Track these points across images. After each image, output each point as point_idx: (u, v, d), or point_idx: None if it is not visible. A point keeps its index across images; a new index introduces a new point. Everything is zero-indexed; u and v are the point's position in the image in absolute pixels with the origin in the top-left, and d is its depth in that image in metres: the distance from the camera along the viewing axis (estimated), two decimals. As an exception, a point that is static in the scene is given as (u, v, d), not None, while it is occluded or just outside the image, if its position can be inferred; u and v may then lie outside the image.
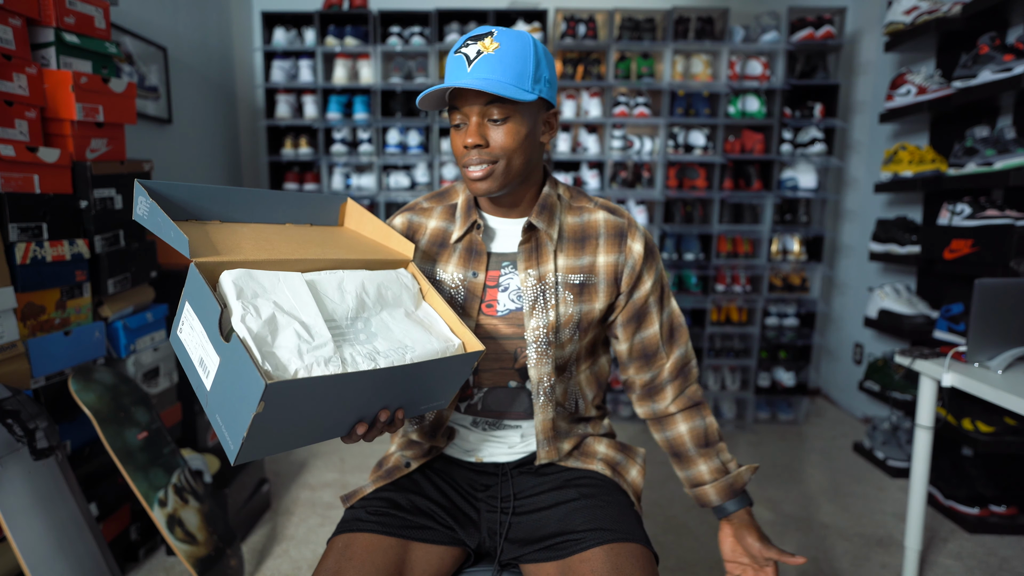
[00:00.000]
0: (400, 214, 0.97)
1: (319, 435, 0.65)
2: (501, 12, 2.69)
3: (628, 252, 0.90)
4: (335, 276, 0.74)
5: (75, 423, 1.48)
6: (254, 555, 1.70)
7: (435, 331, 0.77)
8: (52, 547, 1.20)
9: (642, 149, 2.71)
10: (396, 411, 0.70)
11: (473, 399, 0.93)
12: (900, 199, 2.57)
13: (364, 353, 0.67)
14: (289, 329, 0.63)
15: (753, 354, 2.74)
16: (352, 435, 0.68)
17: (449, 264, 0.91)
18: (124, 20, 2.14)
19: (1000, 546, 1.78)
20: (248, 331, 0.59)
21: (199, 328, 0.62)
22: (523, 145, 0.81)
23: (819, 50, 2.67)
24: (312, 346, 0.63)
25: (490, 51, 0.77)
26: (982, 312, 1.31)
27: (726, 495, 0.92)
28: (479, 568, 0.89)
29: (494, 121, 0.79)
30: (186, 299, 0.65)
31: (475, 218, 0.90)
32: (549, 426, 0.90)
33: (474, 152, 0.80)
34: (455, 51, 0.80)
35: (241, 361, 0.55)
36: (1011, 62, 1.73)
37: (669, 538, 1.81)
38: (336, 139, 2.78)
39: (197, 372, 0.63)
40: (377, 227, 0.87)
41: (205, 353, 0.61)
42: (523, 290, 0.87)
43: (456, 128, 0.83)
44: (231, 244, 0.70)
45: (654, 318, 0.94)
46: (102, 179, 1.54)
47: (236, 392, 0.57)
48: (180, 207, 0.73)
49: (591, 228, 0.91)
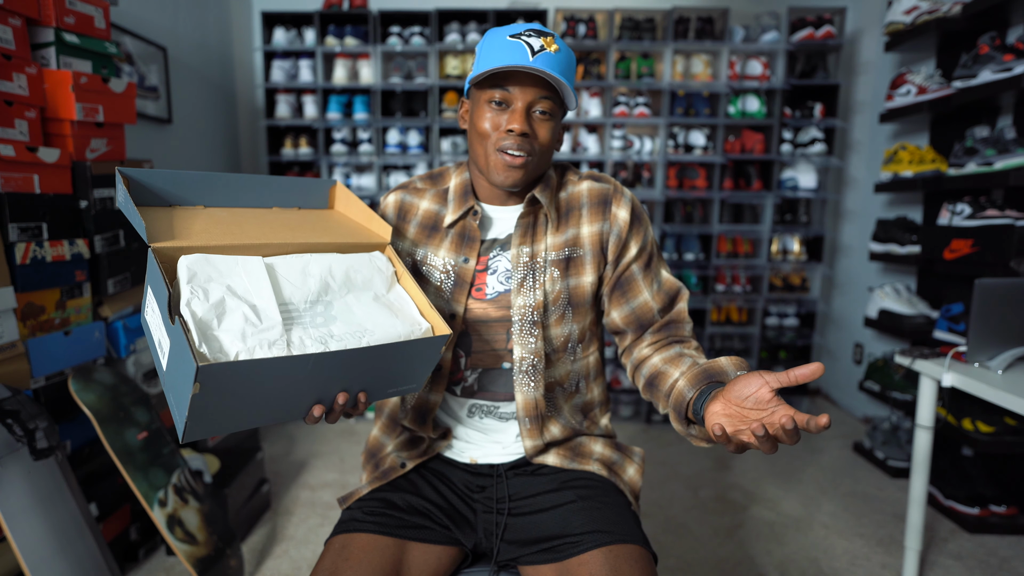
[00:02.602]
0: (394, 192, 0.97)
1: (273, 416, 0.66)
2: (501, 12, 2.69)
3: (613, 219, 0.89)
4: (300, 260, 0.74)
5: (75, 423, 1.48)
6: (254, 555, 1.70)
7: (403, 314, 0.77)
8: (52, 547, 1.20)
9: (642, 149, 2.71)
10: (358, 394, 0.70)
11: (467, 381, 0.92)
12: (900, 199, 2.57)
13: (316, 336, 0.68)
14: (237, 312, 0.64)
15: (753, 354, 2.74)
16: (310, 416, 0.68)
17: (441, 249, 0.91)
18: (124, 20, 2.14)
19: (1000, 546, 1.78)
20: (192, 315, 0.61)
21: (156, 311, 0.65)
22: (550, 146, 0.84)
23: (819, 50, 2.67)
24: (258, 329, 0.64)
25: (551, 51, 0.78)
26: (982, 312, 1.30)
27: (700, 381, 0.76)
28: (477, 568, 0.89)
29: (540, 114, 0.81)
30: (148, 283, 0.67)
31: (472, 204, 0.90)
32: (532, 404, 0.89)
33: (518, 139, 0.80)
34: (512, 35, 0.79)
35: (182, 344, 0.57)
36: (1011, 62, 1.73)
37: (669, 538, 1.81)
38: (336, 139, 2.78)
39: (157, 352, 0.66)
40: (361, 210, 0.88)
41: (162, 335, 0.64)
42: (514, 267, 0.87)
43: (496, 106, 0.81)
44: (196, 229, 0.72)
45: (641, 286, 0.90)
46: (102, 179, 1.54)
47: (180, 373, 0.59)
48: (161, 194, 0.75)
49: (574, 199, 0.91)
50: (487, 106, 0.82)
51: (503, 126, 0.80)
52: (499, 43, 0.80)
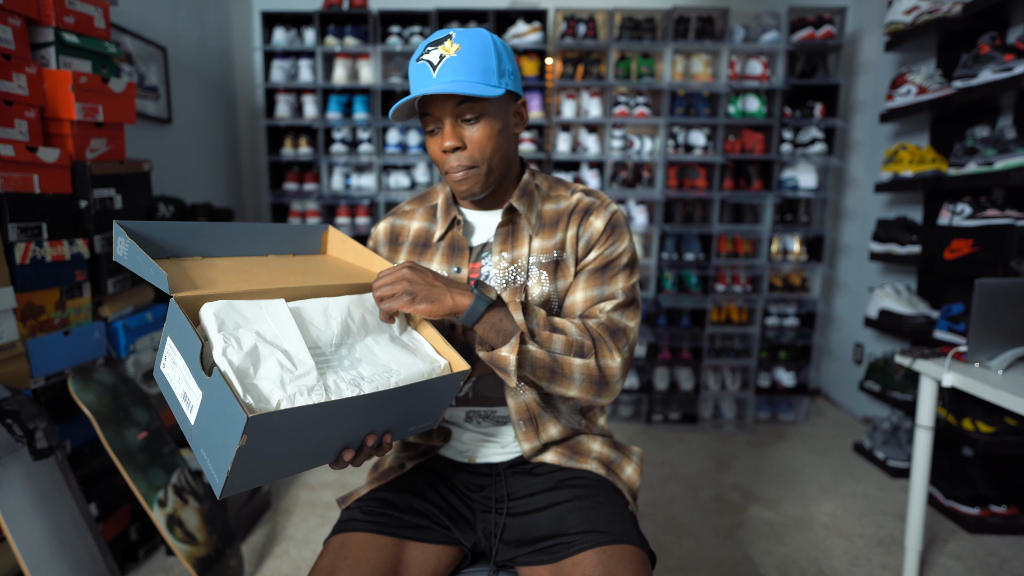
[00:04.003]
0: (384, 220, 1.00)
1: (306, 463, 0.65)
2: (501, 12, 2.69)
3: (587, 226, 0.90)
4: (320, 303, 0.74)
5: (75, 423, 1.48)
6: (254, 555, 1.70)
7: (420, 353, 0.77)
8: (52, 547, 1.20)
9: (642, 149, 2.71)
10: (383, 435, 0.70)
11: (461, 391, 0.93)
12: (900, 199, 2.57)
13: (348, 379, 0.67)
14: (272, 359, 0.62)
15: (753, 354, 2.74)
16: (339, 461, 0.68)
17: (433, 262, 0.92)
18: (124, 20, 2.14)
19: (1000, 546, 1.78)
20: (229, 364, 0.60)
21: (181, 363, 0.62)
22: (499, 141, 0.83)
23: (819, 50, 2.66)
24: (295, 375, 0.62)
25: (452, 53, 0.78)
26: (982, 312, 1.30)
27: None
28: (476, 568, 0.89)
29: (467, 121, 0.81)
30: (167, 334, 0.65)
31: (454, 215, 0.92)
32: (523, 407, 0.90)
33: (453, 156, 0.82)
34: (416, 59, 0.81)
35: (223, 395, 0.56)
36: (1011, 62, 1.72)
37: (669, 539, 1.81)
38: (336, 139, 2.78)
39: (181, 407, 0.63)
40: (359, 252, 0.89)
41: (188, 388, 0.62)
42: (495, 273, 0.88)
43: (431, 134, 0.84)
44: (210, 278, 0.71)
45: (579, 286, 0.88)
46: (102, 179, 1.54)
47: (219, 426, 0.57)
48: (159, 245, 0.74)
49: (564, 211, 0.93)
50: (428, 135, 0.85)
51: (440, 145, 0.83)
52: (412, 71, 0.82)
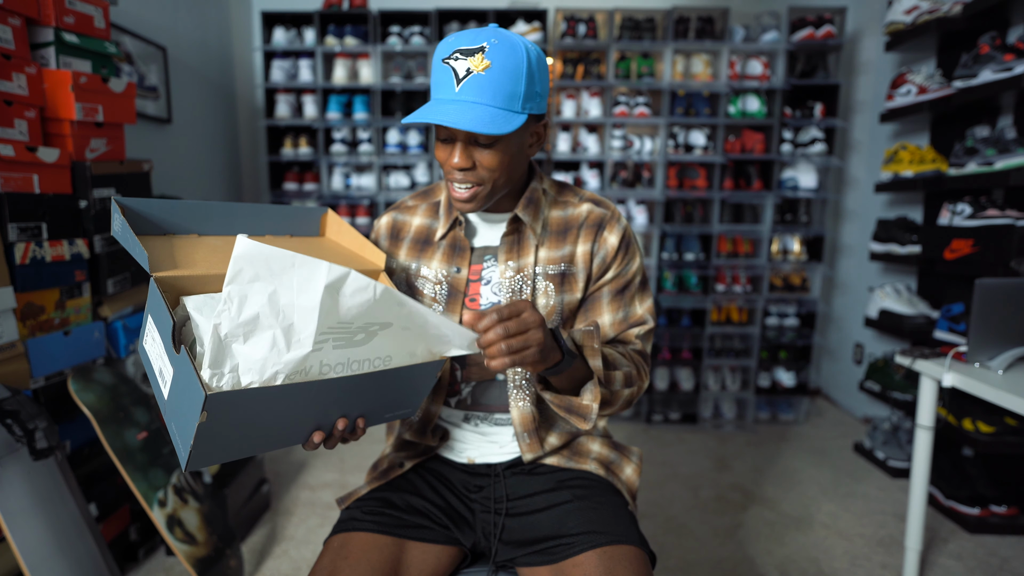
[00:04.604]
0: (386, 213, 0.99)
1: (274, 443, 0.66)
2: (501, 12, 2.69)
3: (602, 242, 0.90)
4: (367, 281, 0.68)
5: (75, 423, 1.48)
6: (254, 555, 1.70)
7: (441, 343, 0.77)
8: (52, 547, 1.20)
9: (642, 149, 2.71)
10: (356, 419, 0.70)
11: (462, 394, 0.93)
12: (900, 199, 2.57)
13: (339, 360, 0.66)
14: (267, 334, 0.60)
15: (753, 354, 2.73)
16: (310, 443, 0.68)
17: (433, 260, 0.91)
18: (124, 20, 2.14)
19: (1001, 546, 1.78)
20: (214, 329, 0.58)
21: (158, 340, 0.64)
22: (510, 165, 0.80)
23: (819, 50, 2.66)
24: (282, 355, 0.61)
25: (480, 71, 0.73)
26: (983, 312, 1.30)
27: None
28: (476, 568, 0.89)
29: (481, 145, 0.77)
30: (148, 312, 0.66)
31: (456, 214, 0.91)
32: (528, 418, 0.90)
33: (458, 173, 0.79)
34: (443, 58, 0.76)
35: (187, 372, 0.57)
36: (1012, 62, 1.72)
37: (669, 539, 1.81)
38: (336, 139, 2.78)
39: (158, 381, 0.65)
40: (354, 238, 0.89)
41: (163, 364, 0.63)
42: (501, 282, 0.88)
43: (442, 142, 0.80)
44: (197, 258, 0.71)
45: (604, 309, 0.90)
46: (102, 179, 1.54)
47: (185, 401, 0.58)
48: (156, 223, 0.75)
49: (573, 220, 0.92)
50: (439, 141, 0.81)
51: (448, 160, 0.79)
52: (435, 68, 0.77)
